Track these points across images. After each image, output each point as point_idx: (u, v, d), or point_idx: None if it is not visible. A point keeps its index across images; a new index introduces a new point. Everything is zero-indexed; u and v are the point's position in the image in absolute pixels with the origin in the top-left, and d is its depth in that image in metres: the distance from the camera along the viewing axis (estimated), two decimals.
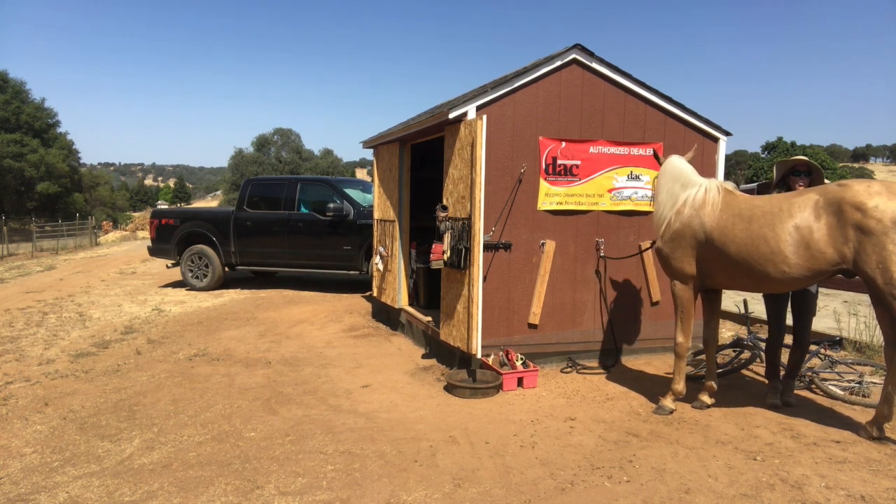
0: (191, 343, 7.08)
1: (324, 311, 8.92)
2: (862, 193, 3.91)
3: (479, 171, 5.19)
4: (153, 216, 11.91)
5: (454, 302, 5.66)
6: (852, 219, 3.90)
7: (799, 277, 4.14)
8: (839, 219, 3.96)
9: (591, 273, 6.02)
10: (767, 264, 4.17)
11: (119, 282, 12.54)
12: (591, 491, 3.45)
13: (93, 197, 48.71)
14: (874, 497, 3.33)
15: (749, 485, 3.49)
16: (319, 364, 6.20)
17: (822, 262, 4.04)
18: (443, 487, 3.49)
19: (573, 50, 5.71)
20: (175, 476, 3.68)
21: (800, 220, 4.09)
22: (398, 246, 7.58)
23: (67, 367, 6.14)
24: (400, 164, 7.41)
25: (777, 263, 4.14)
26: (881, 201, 3.85)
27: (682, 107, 6.13)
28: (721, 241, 4.37)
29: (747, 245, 4.24)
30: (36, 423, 4.60)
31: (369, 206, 10.07)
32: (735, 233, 4.31)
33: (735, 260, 4.32)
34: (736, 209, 4.39)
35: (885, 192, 3.88)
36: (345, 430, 4.37)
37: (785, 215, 4.14)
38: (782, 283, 4.26)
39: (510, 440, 4.16)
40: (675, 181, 4.73)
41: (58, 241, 25.08)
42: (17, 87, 41.00)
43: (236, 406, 4.92)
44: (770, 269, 4.17)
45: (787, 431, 4.28)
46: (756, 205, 4.33)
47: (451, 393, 5.18)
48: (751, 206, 4.34)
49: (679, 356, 4.75)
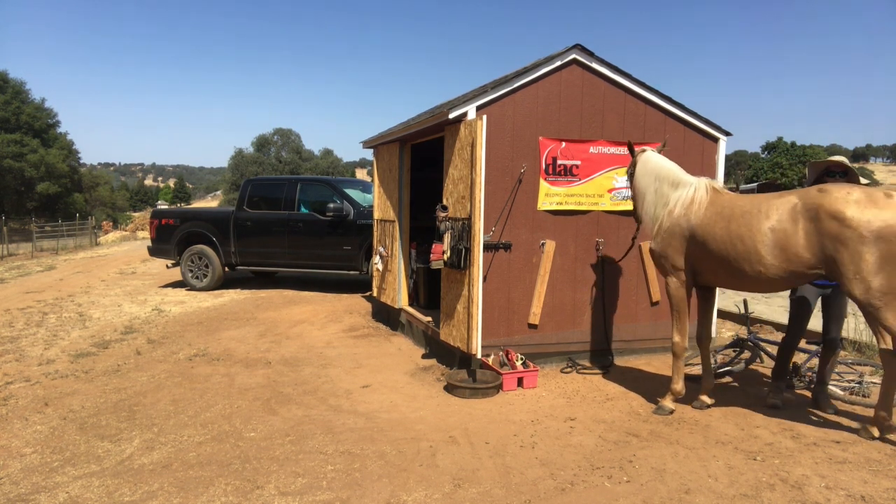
0: (191, 343, 7.08)
1: (324, 311, 8.92)
2: (840, 201, 3.86)
3: (479, 171, 5.19)
4: (153, 216, 11.91)
5: (454, 302, 5.66)
6: (829, 227, 3.87)
7: (775, 278, 4.15)
8: (816, 225, 3.94)
9: (591, 273, 6.01)
10: (744, 263, 4.21)
11: (119, 282, 12.54)
12: (591, 491, 3.45)
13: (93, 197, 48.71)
14: (874, 497, 3.33)
15: (749, 485, 3.49)
16: (319, 364, 6.20)
17: (798, 265, 4.05)
18: (443, 487, 3.49)
19: (573, 50, 5.71)
20: (175, 476, 3.68)
21: (776, 223, 4.10)
22: (398, 246, 7.58)
23: (67, 367, 6.14)
24: (400, 164, 7.41)
25: (752, 263, 4.17)
26: (859, 211, 3.80)
27: (682, 107, 6.13)
28: (703, 238, 4.43)
29: (726, 243, 4.29)
30: (36, 424, 4.60)
31: (369, 206, 10.07)
32: (716, 230, 4.36)
33: (716, 257, 4.37)
34: (719, 207, 4.43)
35: (865, 201, 3.82)
36: (345, 431, 4.37)
37: (762, 216, 4.16)
38: (759, 283, 4.29)
39: (510, 440, 4.16)
40: (663, 181, 4.77)
41: (58, 241, 25.08)
42: (17, 87, 41.00)
43: (236, 406, 4.92)
44: (746, 268, 4.21)
45: (787, 431, 4.28)
46: (737, 204, 4.36)
47: (451, 393, 5.18)
48: (732, 205, 4.38)
49: (676, 356, 4.75)
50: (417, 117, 7.26)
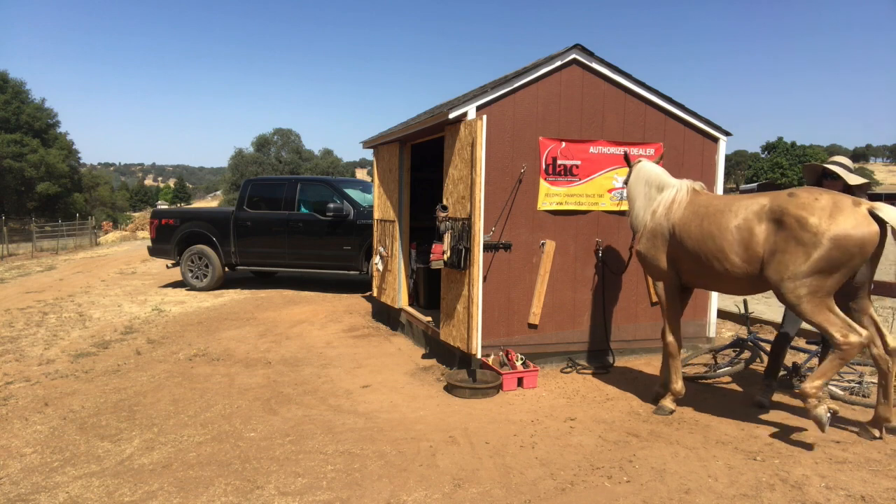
0: (191, 343, 7.08)
1: (324, 311, 8.92)
2: (806, 206, 3.88)
3: (479, 171, 5.19)
4: (153, 216, 11.91)
5: (454, 302, 5.66)
6: (789, 228, 3.90)
7: (742, 278, 4.20)
8: (777, 226, 3.98)
9: (591, 273, 6.02)
10: (714, 261, 4.29)
11: (119, 282, 12.54)
12: (591, 491, 3.45)
13: (93, 197, 48.71)
14: (874, 497, 3.33)
15: (749, 485, 3.49)
16: (319, 364, 6.20)
17: (758, 266, 4.09)
18: (443, 488, 3.49)
19: (573, 50, 5.71)
20: (175, 476, 3.68)
21: (742, 221, 4.17)
22: (398, 246, 7.58)
23: (67, 367, 6.14)
24: (400, 164, 7.41)
25: (721, 261, 4.24)
26: (822, 216, 3.80)
27: (683, 107, 6.13)
28: (680, 236, 4.51)
29: (699, 241, 4.36)
30: (36, 423, 4.60)
31: (369, 206, 10.07)
32: (690, 229, 4.44)
33: (692, 256, 4.44)
34: (696, 206, 4.51)
35: (830, 208, 3.82)
36: (345, 431, 4.37)
37: (731, 215, 4.24)
38: (730, 283, 4.34)
39: (510, 440, 4.16)
40: (650, 185, 4.88)
41: (58, 241, 25.07)
42: (17, 87, 41.01)
43: (236, 406, 4.92)
44: (717, 266, 4.28)
45: (786, 431, 4.28)
46: (712, 203, 4.43)
47: (451, 393, 5.18)
48: (707, 205, 4.45)
49: (671, 355, 4.77)
50: (417, 117, 7.27)
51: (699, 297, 6.26)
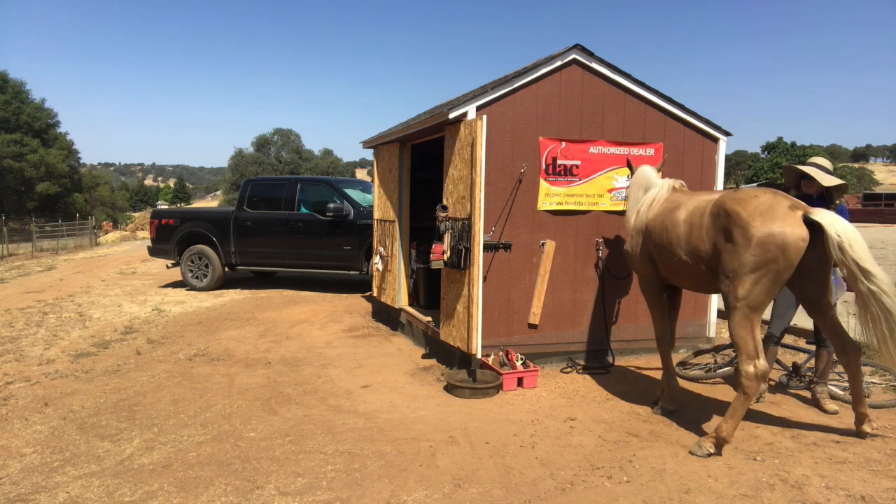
0: (191, 343, 7.08)
1: (324, 311, 8.92)
2: (741, 203, 3.88)
3: (479, 171, 5.19)
4: (153, 216, 11.91)
5: (454, 302, 5.66)
6: (724, 224, 3.93)
7: (701, 275, 4.24)
8: (714, 221, 4.03)
9: (590, 273, 6.02)
10: (671, 253, 4.37)
11: (119, 282, 12.54)
12: (591, 491, 3.45)
13: (93, 197, 48.70)
14: (874, 497, 3.33)
15: (749, 485, 3.49)
16: (319, 364, 6.20)
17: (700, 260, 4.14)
18: (443, 488, 3.49)
19: (573, 50, 5.72)
20: (175, 476, 3.68)
21: (688, 214, 4.26)
22: (398, 246, 7.58)
23: (67, 367, 6.14)
24: (400, 164, 7.41)
25: (675, 251, 4.33)
26: (754, 215, 3.79)
27: (683, 107, 6.13)
28: (651, 231, 4.61)
29: (661, 234, 4.47)
30: (36, 423, 4.60)
31: (369, 206, 10.07)
32: (657, 223, 4.54)
33: (659, 249, 4.52)
34: (669, 203, 4.58)
35: (764, 208, 3.79)
36: (345, 431, 4.37)
37: (683, 209, 4.33)
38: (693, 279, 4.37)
39: (510, 440, 4.16)
40: (640, 188, 4.97)
41: (58, 241, 25.07)
42: (17, 88, 40.98)
43: (236, 406, 4.92)
44: (675, 259, 4.37)
45: (786, 431, 4.28)
46: (679, 199, 4.51)
47: (451, 393, 5.18)
48: (675, 200, 4.53)
49: (661, 353, 4.83)
50: (417, 117, 7.27)
51: (700, 298, 6.26)
